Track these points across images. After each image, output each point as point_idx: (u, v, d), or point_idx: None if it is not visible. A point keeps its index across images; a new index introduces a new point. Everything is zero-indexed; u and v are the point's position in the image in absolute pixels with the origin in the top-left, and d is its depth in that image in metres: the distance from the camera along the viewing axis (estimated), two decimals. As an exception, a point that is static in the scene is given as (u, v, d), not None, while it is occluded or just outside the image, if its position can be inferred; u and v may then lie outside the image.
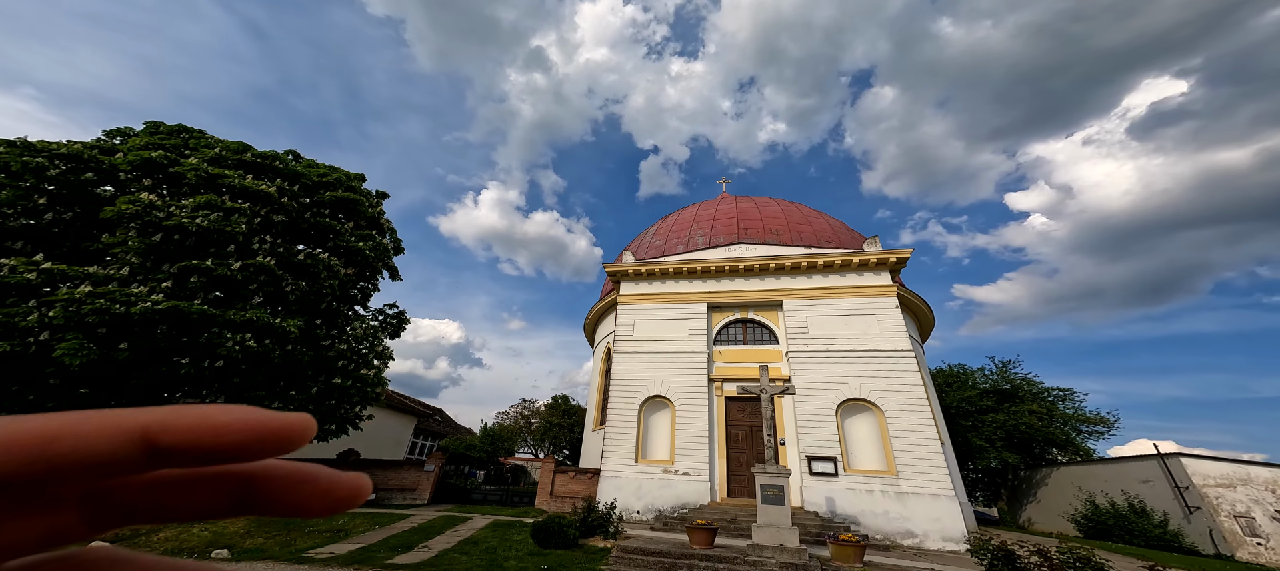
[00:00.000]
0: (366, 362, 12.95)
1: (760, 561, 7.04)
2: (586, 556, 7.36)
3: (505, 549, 7.58)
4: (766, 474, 7.98)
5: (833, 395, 12.81)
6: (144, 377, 8.68)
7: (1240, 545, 15.31)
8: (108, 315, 7.89)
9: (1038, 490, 21.55)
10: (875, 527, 10.56)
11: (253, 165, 11.93)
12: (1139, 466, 18.05)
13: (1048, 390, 22.07)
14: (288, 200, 11.66)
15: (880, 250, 14.56)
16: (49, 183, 9.91)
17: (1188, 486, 16.32)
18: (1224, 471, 16.35)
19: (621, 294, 17.43)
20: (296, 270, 11.45)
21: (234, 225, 9.89)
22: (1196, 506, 15.91)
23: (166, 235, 9.47)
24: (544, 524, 7.80)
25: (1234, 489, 15.93)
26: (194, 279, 9.30)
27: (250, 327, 9.42)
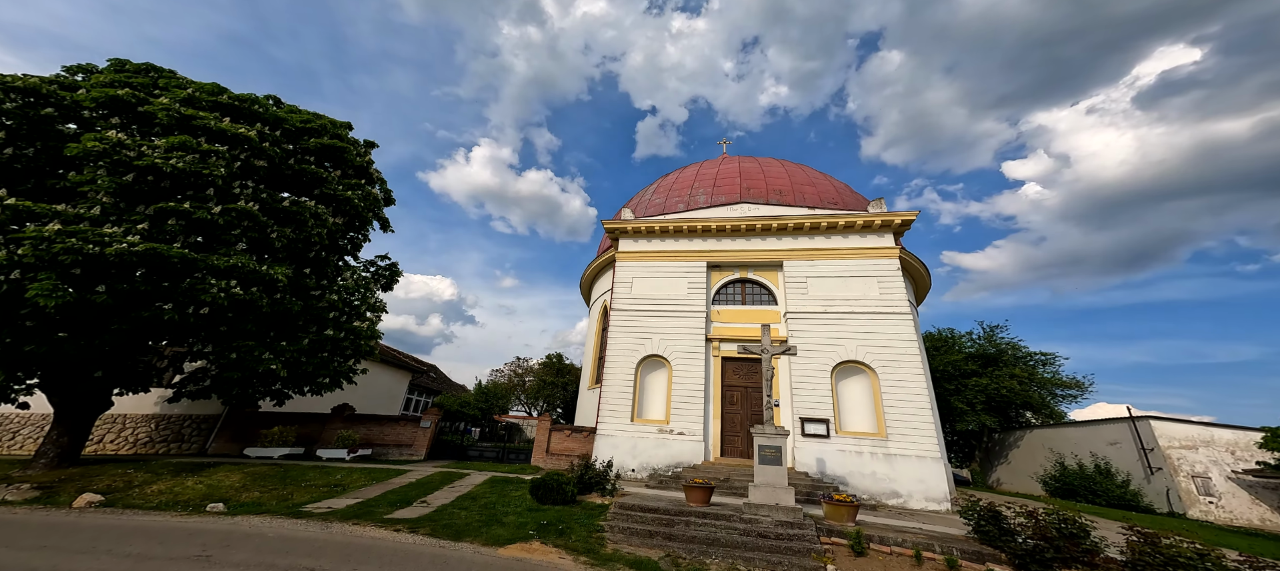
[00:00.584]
0: (359, 314, 12.59)
1: (756, 519, 7.18)
2: (585, 512, 7.46)
3: (504, 504, 7.65)
4: (765, 434, 8.01)
5: (829, 357, 12.85)
6: (126, 323, 8.25)
7: (1193, 504, 16.37)
8: (81, 255, 7.40)
9: (1010, 452, 22.71)
10: (861, 488, 10.93)
11: (229, 108, 11.05)
12: (1109, 428, 18.94)
13: (1031, 355, 22.66)
14: (269, 145, 10.97)
15: (885, 212, 14.13)
16: (5, 116, 9.17)
17: (1153, 448, 17.21)
18: (1188, 433, 17.18)
19: (620, 251, 16.98)
20: (282, 217, 10.83)
21: (212, 168, 9.32)
22: (1158, 467, 16.86)
23: (139, 175, 8.93)
24: (542, 480, 7.84)
25: (1196, 450, 16.81)
26: (171, 221, 8.78)
27: (235, 274, 8.92)
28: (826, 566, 5.92)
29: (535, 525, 6.43)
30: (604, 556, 5.59)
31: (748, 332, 14.18)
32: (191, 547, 5.11)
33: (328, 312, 11.46)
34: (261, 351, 9.19)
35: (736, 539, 6.56)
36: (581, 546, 5.86)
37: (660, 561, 5.79)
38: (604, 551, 5.84)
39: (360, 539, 5.69)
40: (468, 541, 5.77)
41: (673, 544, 6.55)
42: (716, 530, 6.92)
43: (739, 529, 6.86)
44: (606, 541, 6.40)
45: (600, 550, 5.85)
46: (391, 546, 5.42)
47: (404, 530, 6.10)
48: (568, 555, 5.55)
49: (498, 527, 6.22)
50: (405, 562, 4.78)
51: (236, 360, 9.10)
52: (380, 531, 6.01)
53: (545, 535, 6.09)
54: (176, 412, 13.87)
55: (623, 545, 6.38)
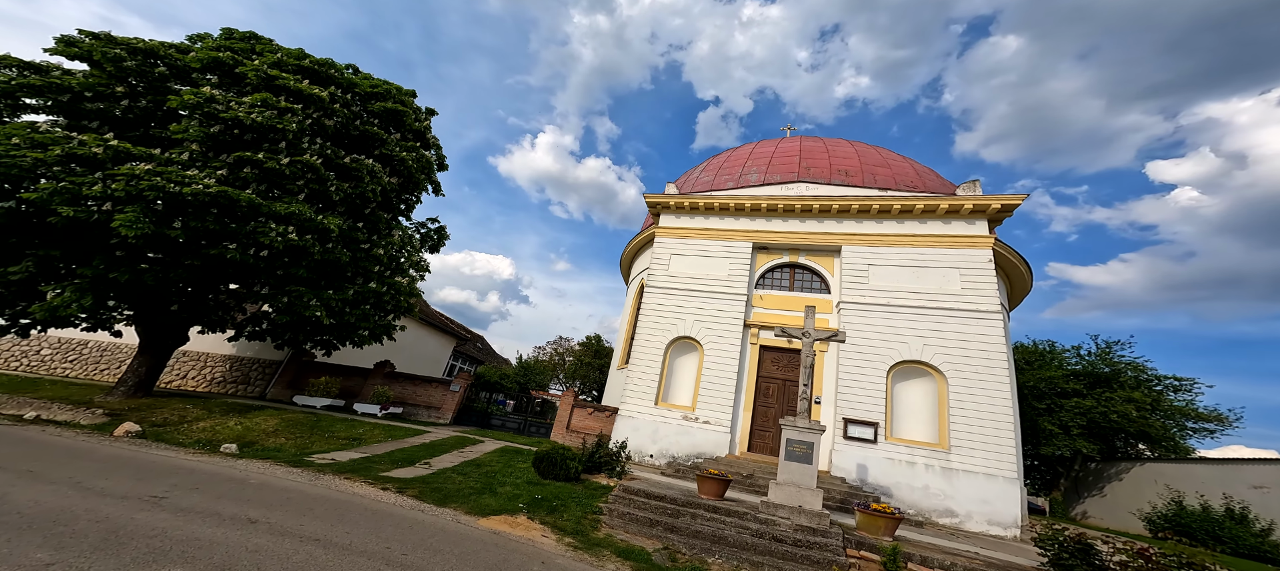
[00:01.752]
0: (402, 270, 13.24)
1: (773, 520, 6.27)
2: (587, 492, 7.03)
3: (505, 474, 7.45)
4: (796, 428, 6.98)
5: (887, 355, 11.18)
6: (197, 258, 9.21)
7: None
8: (163, 193, 8.22)
9: (1108, 484, 19.19)
10: (908, 501, 9.42)
11: (310, 71, 11.98)
12: (1256, 470, 15.29)
13: (1158, 378, 18.49)
14: (339, 106, 11.77)
15: (979, 196, 11.84)
16: (126, 73, 10.51)
17: None
18: None
19: (660, 226, 16.20)
20: (341, 172, 11.60)
21: (286, 123, 10.10)
22: None
23: (226, 127, 9.86)
24: (547, 454, 7.52)
25: None
26: (246, 170, 9.59)
27: (293, 220, 9.59)
28: (851, 588, 4.92)
29: (529, 499, 6.10)
30: (592, 540, 5.09)
31: (792, 321, 12.83)
32: (160, 487, 4.89)
33: (373, 266, 12.07)
34: (310, 297, 9.82)
35: (747, 539, 5.73)
36: (571, 526, 5.41)
37: (654, 554, 5.17)
38: (594, 535, 5.34)
39: (340, 494, 5.57)
40: (451, 508, 5.55)
41: (673, 537, 5.90)
42: (726, 527, 6.13)
43: (752, 529, 6.01)
44: (600, 524, 5.91)
45: (590, 533, 5.36)
46: (368, 504, 5.25)
47: (392, 489, 6.00)
48: (552, 534, 5.13)
49: (488, 497, 5.96)
50: (373, 523, 4.55)
51: (287, 304, 9.80)
52: (367, 488, 5.96)
53: (536, 510, 5.73)
54: (248, 356, 15.51)
55: (618, 531, 5.85)
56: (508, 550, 4.31)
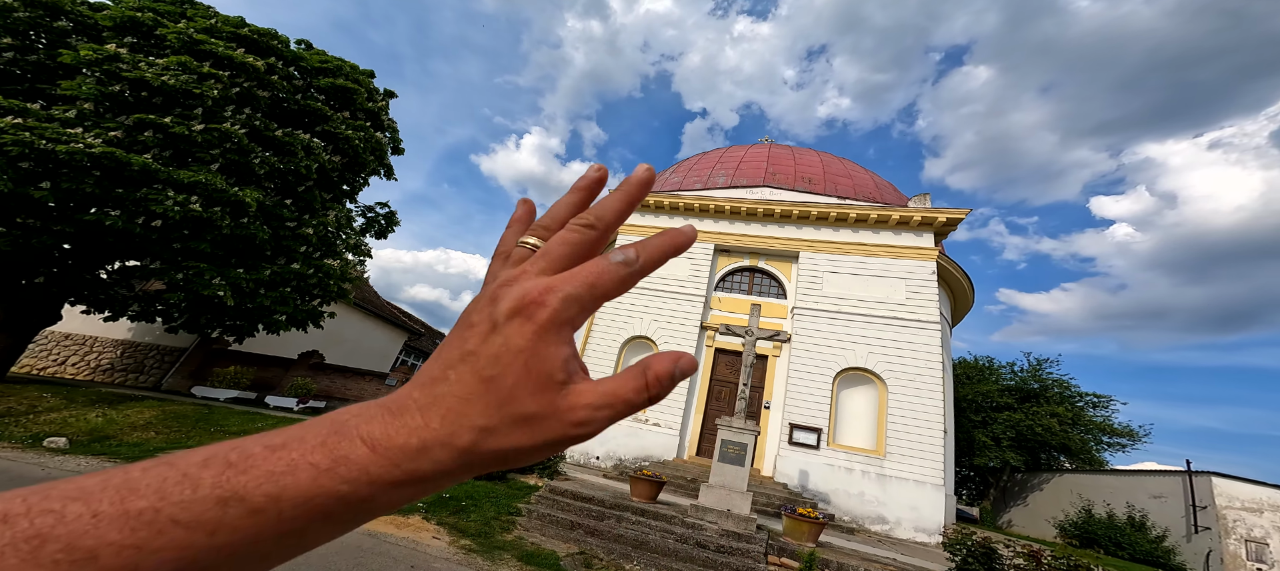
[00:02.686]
0: (335, 253, 12.23)
1: (700, 524, 6.03)
2: (510, 492, 6.56)
3: None
4: (731, 428, 6.79)
5: (833, 362, 11.32)
6: (70, 225, 8.06)
7: (1238, 569, 14.34)
8: (31, 150, 7.24)
9: (1031, 495, 20.58)
10: (845, 508, 9.50)
11: (247, 40, 10.98)
12: (1156, 481, 16.91)
13: (1079, 395, 19.90)
14: (277, 78, 10.83)
15: (927, 208, 12.25)
16: (18, 25, 9.33)
17: (1206, 506, 15.19)
18: (1255, 495, 15.18)
19: (623, 224, 15.96)
20: (271, 145, 10.63)
21: (206, 89, 9.18)
22: (1207, 527, 14.84)
23: (132, 88, 8.86)
24: None
25: (1260, 514, 14.79)
26: (147, 133, 8.61)
27: (197, 190, 8.65)
28: (766, 597, 4.73)
29: (436, 497, 5.56)
30: (496, 543, 4.65)
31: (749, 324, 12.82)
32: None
33: (299, 246, 11.10)
34: (212, 275, 8.81)
35: (670, 544, 5.45)
36: (474, 528, 4.93)
37: (565, 559, 4.78)
38: (501, 537, 4.90)
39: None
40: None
41: (593, 540, 5.54)
42: (650, 531, 5.83)
43: (676, 534, 5.74)
44: (515, 526, 5.46)
45: (497, 535, 4.91)
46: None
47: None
48: (449, 535, 4.64)
49: None
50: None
51: (183, 281, 8.76)
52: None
53: (437, 511, 5.20)
54: (147, 341, 13.72)
55: (532, 534, 5.43)
56: (377, 552, 3.81)
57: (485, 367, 0.24)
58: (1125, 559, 14.17)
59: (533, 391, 0.23)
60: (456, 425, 0.23)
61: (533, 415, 0.23)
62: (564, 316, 0.25)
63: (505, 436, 0.23)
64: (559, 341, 0.25)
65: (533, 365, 0.24)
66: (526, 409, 0.23)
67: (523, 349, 0.24)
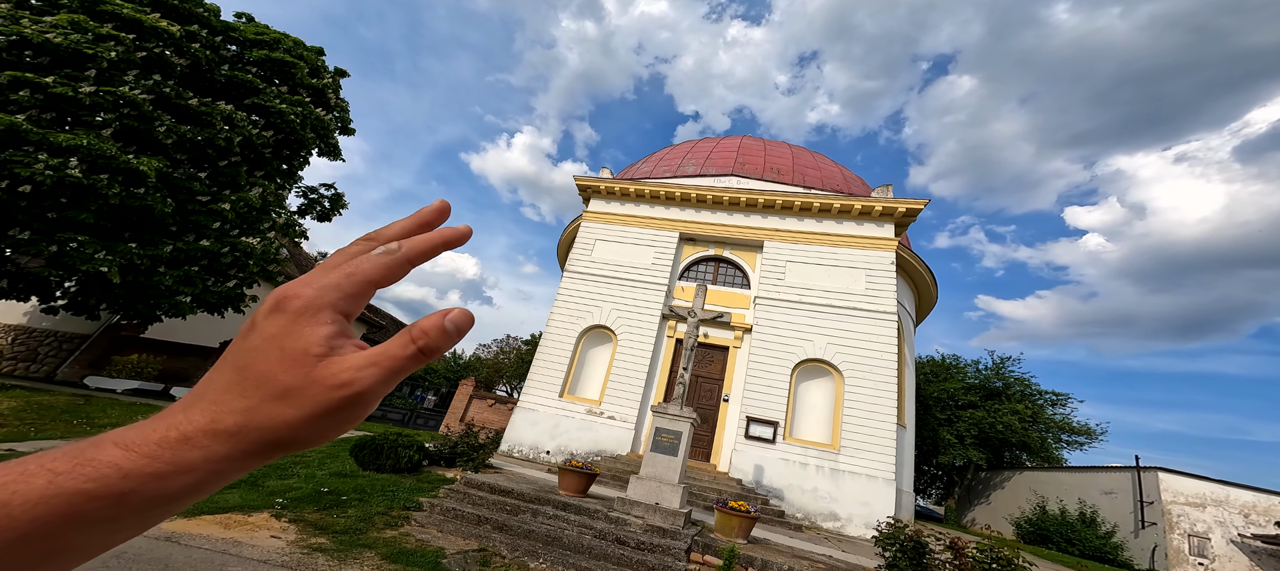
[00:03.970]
0: (256, 230, 11.21)
1: (624, 519, 5.49)
2: (417, 485, 5.89)
3: (313, 466, 6.02)
4: (666, 416, 6.28)
5: (792, 353, 10.99)
6: None
7: (1181, 564, 14.74)
8: None
9: (993, 493, 20.80)
10: (799, 504, 9.15)
11: (164, 4, 9.94)
12: (1107, 477, 17.26)
13: (1039, 393, 20.23)
14: (199, 46, 9.90)
15: (889, 198, 12.06)
16: None
17: (1152, 502, 15.54)
18: (1199, 490, 15.54)
19: (589, 211, 15.47)
20: (183, 114, 9.69)
21: (101, 50, 8.23)
22: (1153, 522, 15.20)
23: (12, 47, 7.92)
24: (370, 442, 6.24)
25: (1203, 509, 15.13)
26: (22, 92, 7.60)
27: (79, 153, 7.68)
28: (680, 599, 4.23)
29: (311, 492, 4.84)
30: (361, 541, 3.99)
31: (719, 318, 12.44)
32: None
33: (211, 222, 10.10)
34: (94, 248, 7.82)
35: (586, 541, 4.90)
36: (342, 525, 4.26)
37: (453, 556, 4.17)
38: (373, 535, 4.24)
39: None
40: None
41: (499, 537, 4.94)
42: (568, 527, 5.27)
43: (596, 529, 5.19)
44: (407, 522, 4.81)
45: (368, 533, 4.25)
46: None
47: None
48: (294, 533, 3.94)
49: (237, 493, 4.53)
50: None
51: (56, 255, 7.74)
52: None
53: (298, 507, 4.47)
54: (44, 327, 12.22)
55: (426, 530, 4.79)
56: (184, 562, 3.12)
57: (242, 358, 0.26)
58: (1075, 554, 14.34)
59: (288, 367, 0.25)
60: (218, 411, 0.25)
61: (290, 388, 0.25)
62: (320, 302, 0.27)
63: (269, 412, 0.25)
64: (317, 323, 0.26)
65: (287, 345, 0.26)
66: (283, 383, 0.25)
67: (276, 334, 0.26)
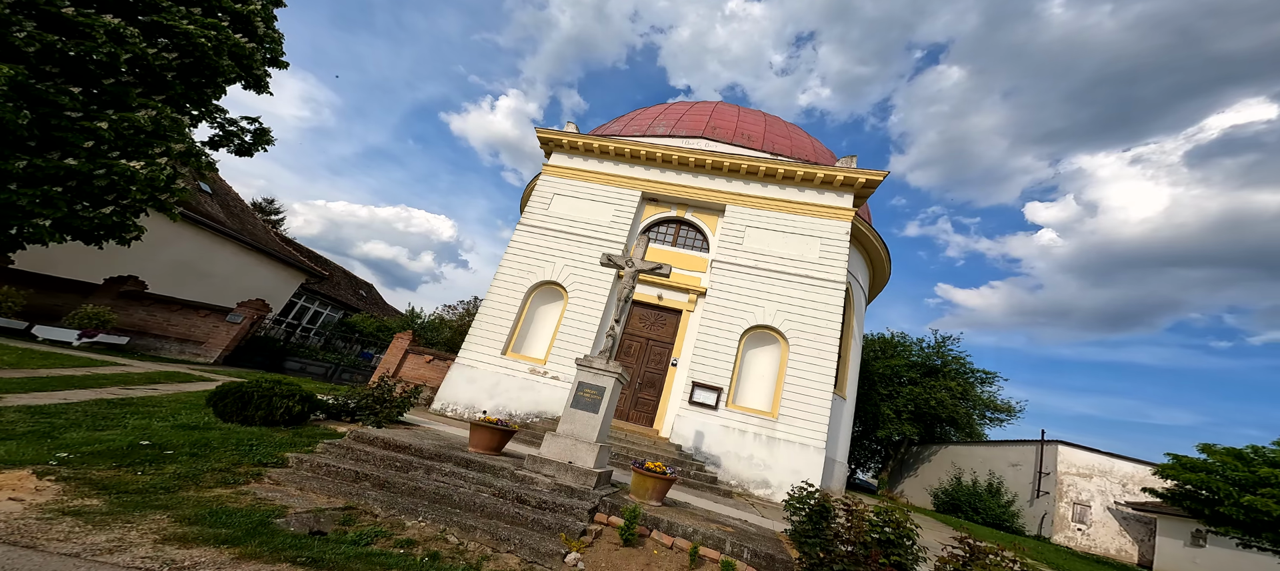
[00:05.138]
0: (142, 154, 9.57)
1: (531, 478, 5.00)
2: (291, 438, 5.13)
3: (155, 415, 5.07)
4: (591, 370, 5.76)
5: (743, 318, 10.75)
6: None
7: (1063, 530, 16.28)
8: None
9: (921, 466, 22.19)
10: (734, 472, 9.09)
11: None
12: (1016, 450, 18.63)
13: (973, 371, 21.47)
14: None
15: (851, 169, 11.76)
16: None
17: (1049, 472, 16.95)
18: (1088, 461, 16.98)
19: (549, 164, 14.49)
20: (53, 23, 8.01)
21: None
22: (1046, 492, 16.63)
23: None
24: (236, 390, 5.31)
25: (1090, 479, 16.61)
26: None
27: None
28: (570, 553, 3.81)
29: (120, 446, 3.95)
30: (155, 502, 3.21)
31: (672, 278, 11.99)
32: None
33: (82, 141, 8.52)
34: None
35: (481, 500, 4.37)
36: (141, 484, 3.44)
37: (299, 517, 3.51)
38: (187, 494, 3.49)
39: None
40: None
41: (378, 494, 4.32)
42: (464, 484, 4.72)
43: (495, 488, 4.67)
44: (258, 479, 4.09)
45: (178, 494, 3.49)
46: None
47: None
48: (54, 490, 3.11)
49: (18, 444, 3.57)
50: None
51: None
52: None
53: (91, 463, 3.56)
54: None
55: (279, 488, 4.10)
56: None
57: None
58: (979, 521, 15.47)
59: None
60: None
61: None
62: None
63: None
64: None
65: None
66: None
67: None
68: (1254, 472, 9.98)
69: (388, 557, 3.17)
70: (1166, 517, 14.56)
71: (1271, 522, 9.42)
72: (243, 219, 20.56)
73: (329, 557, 2.76)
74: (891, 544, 3.64)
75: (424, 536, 3.80)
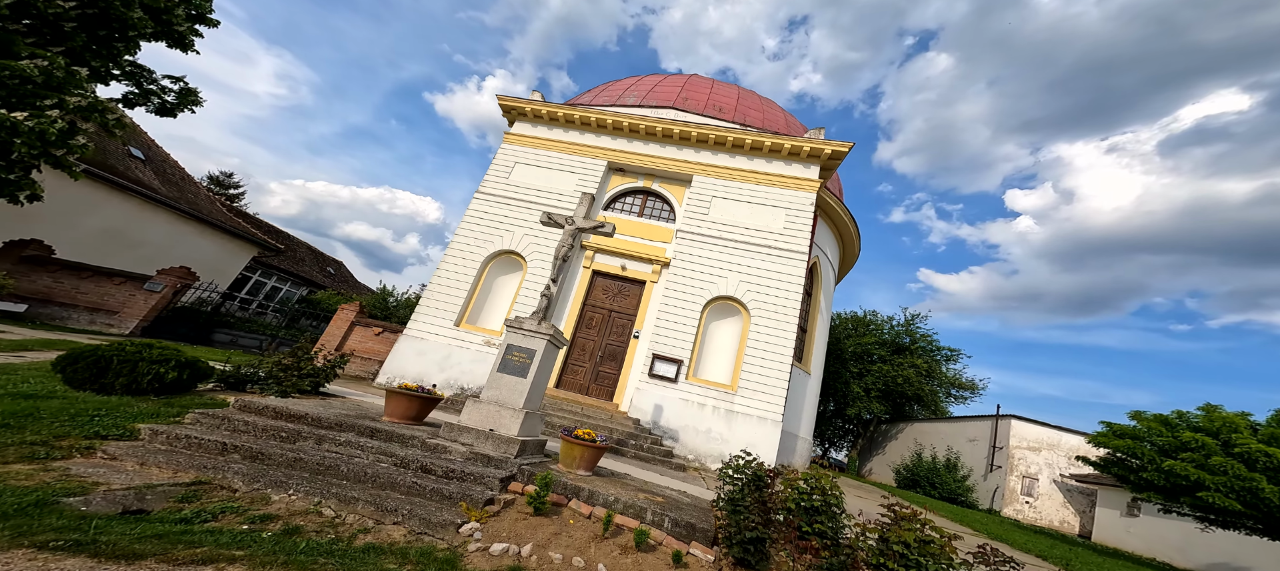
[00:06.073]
0: (28, 105, 8.41)
1: (445, 447, 4.50)
2: (156, 408, 4.46)
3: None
4: (520, 331, 5.23)
5: (706, 289, 10.37)
6: None
7: (1012, 502, 16.75)
8: None
9: (889, 443, 22.57)
10: (692, 446, 8.80)
11: None
12: (974, 425, 19.01)
13: (939, 348, 21.83)
14: None
15: (818, 140, 11.41)
16: None
17: (1002, 447, 17.37)
18: (1038, 435, 17.40)
19: (511, 132, 13.70)
20: None
21: None
22: (999, 466, 17.06)
23: None
24: (93, 354, 4.56)
25: (1039, 452, 17.07)
26: None
27: None
28: (467, 522, 3.36)
29: None
30: None
31: (636, 248, 11.50)
32: None
33: None
34: None
35: (379, 471, 3.84)
36: None
37: (117, 495, 2.91)
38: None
39: None
40: None
41: (245, 466, 3.74)
42: (361, 455, 4.17)
43: (399, 457, 4.14)
44: (79, 455, 3.45)
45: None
46: None
47: None
48: None
49: None
50: None
51: None
52: None
53: None
54: None
55: (115, 463, 3.50)
56: None
57: None
58: (935, 497, 15.77)
59: None
60: None
61: None
62: None
63: None
64: None
65: None
66: None
67: None
68: (1177, 438, 10.06)
69: (222, 535, 2.63)
70: (1106, 488, 15.10)
71: (1188, 487, 9.44)
72: (182, 187, 18.95)
73: (109, 541, 2.19)
74: (816, 511, 3.32)
75: (290, 510, 3.26)
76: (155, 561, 2.06)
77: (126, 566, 1.99)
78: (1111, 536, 14.61)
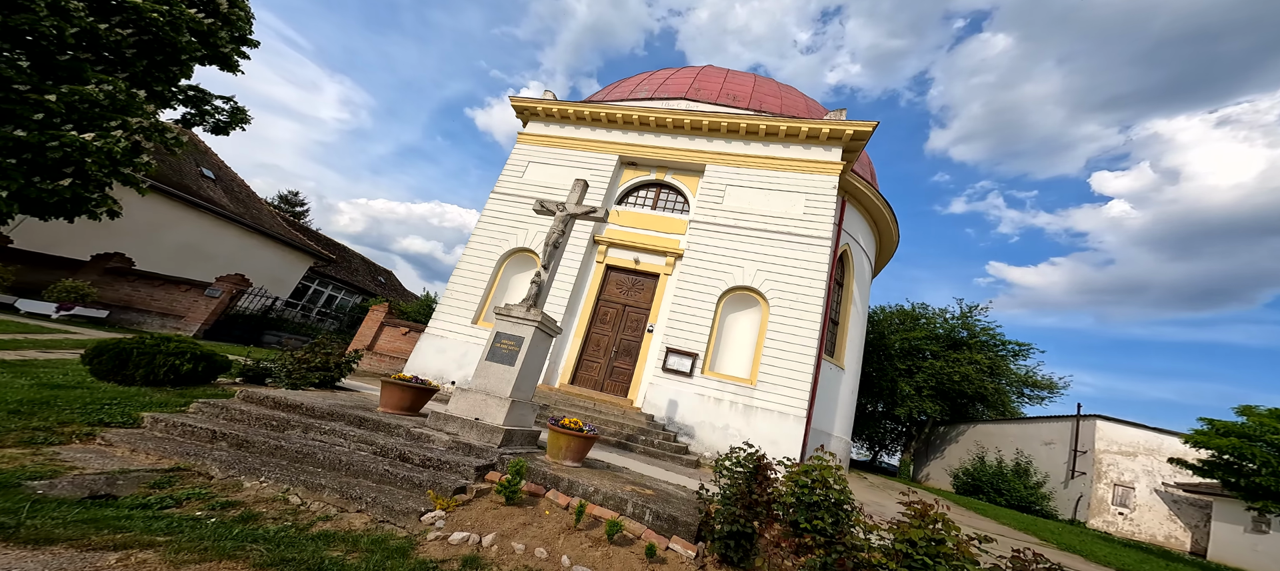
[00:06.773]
0: (96, 127, 9.52)
1: (428, 436, 4.38)
2: (168, 398, 4.68)
3: (39, 372, 4.72)
4: (509, 319, 5.06)
5: (722, 280, 9.83)
6: None
7: (1101, 513, 14.45)
8: None
9: (948, 446, 20.38)
10: (707, 441, 8.28)
11: None
12: (1049, 427, 16.75)
13: (1003, 344, 19.50)
14: None
15: (838, 121, 10.58)
16: None
17: (1086, 451, 15.12)
18: (1133, 438, 15.00)
19: (525, 132, 13.94)
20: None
21: None
22: (1083, 472, 14.84)
23: None
24: (116, 347, 4.88)
25: (1134, 458, 14.70)
26: None
27: None
28: (431, 511, 3.18)
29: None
30: None
31: (649, 241, 11.23)
32: None
33: (32, 114, 8.48)
34: None
35: (357, 459, 3.77)
36: None
37: (88, 479, 2.97)
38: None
39: None
40: None
41: (228, 453, 3.80)
42: (343, 443, 4.14)
43: (378, 445, 4.06)
44: (78, 440, 3.62)
45: None
46: None
47: None
48: None
49: None
50: None
51: None
52: None
53: None
54: None
55: (108, 449, 3.65)
56: None
57: None
58: (1002, 505, 14.03)
59: None
60: None
61: None
62: None
63: None
64: None
65: None
66: None
67: None
68: None
69: (161, 521, 2.57)
70: (1224, 500, 12.77)
71: None
72: (247, 204, 20.96)
73: (34, 525, 2.16)
74: (817, 506, 2.82)
75: (258, 498, 3.22)
76: (64, 547, 2.00)
77: (31, 551, 1.93)
78: (1233, 554, 12.34)
